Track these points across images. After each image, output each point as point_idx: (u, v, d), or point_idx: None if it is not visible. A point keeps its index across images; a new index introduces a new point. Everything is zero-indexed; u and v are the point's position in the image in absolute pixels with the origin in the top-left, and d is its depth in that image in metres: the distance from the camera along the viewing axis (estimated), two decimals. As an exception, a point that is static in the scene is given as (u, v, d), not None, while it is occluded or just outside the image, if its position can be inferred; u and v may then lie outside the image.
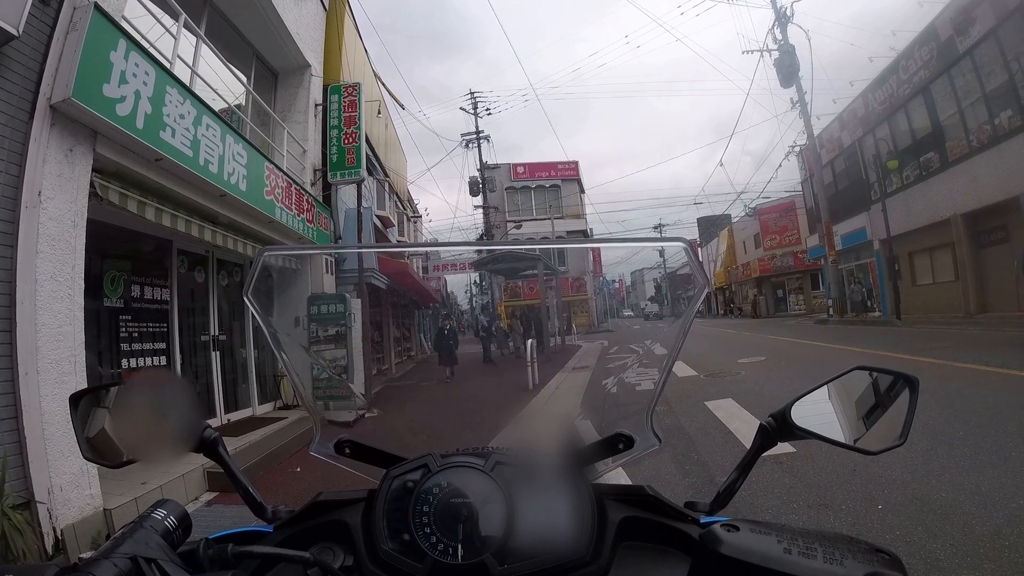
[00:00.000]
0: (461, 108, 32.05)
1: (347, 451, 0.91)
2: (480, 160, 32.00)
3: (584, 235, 34.07)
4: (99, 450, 0.86)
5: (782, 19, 22.85)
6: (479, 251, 19.16)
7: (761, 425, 0.88)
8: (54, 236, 4.04)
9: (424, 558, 0.73)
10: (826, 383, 0.90)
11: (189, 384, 0.86)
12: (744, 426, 5.54)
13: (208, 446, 0.87)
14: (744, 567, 0.58)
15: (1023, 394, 5.83)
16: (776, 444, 0.87)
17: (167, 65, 5.32)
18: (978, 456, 4.00)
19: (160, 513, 0.66)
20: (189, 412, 0.85)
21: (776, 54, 23.20)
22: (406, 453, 0.87)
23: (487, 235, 30.25)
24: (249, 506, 0.88)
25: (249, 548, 0.70)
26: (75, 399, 0.87)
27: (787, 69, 22.88)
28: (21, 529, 3.33)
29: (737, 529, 0.62)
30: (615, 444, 0.87)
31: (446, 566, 0.73)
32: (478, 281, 33.67)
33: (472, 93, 31.84)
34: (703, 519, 0.79)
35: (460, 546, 0.74)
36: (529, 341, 10.26)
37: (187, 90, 5.43)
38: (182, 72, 5.90)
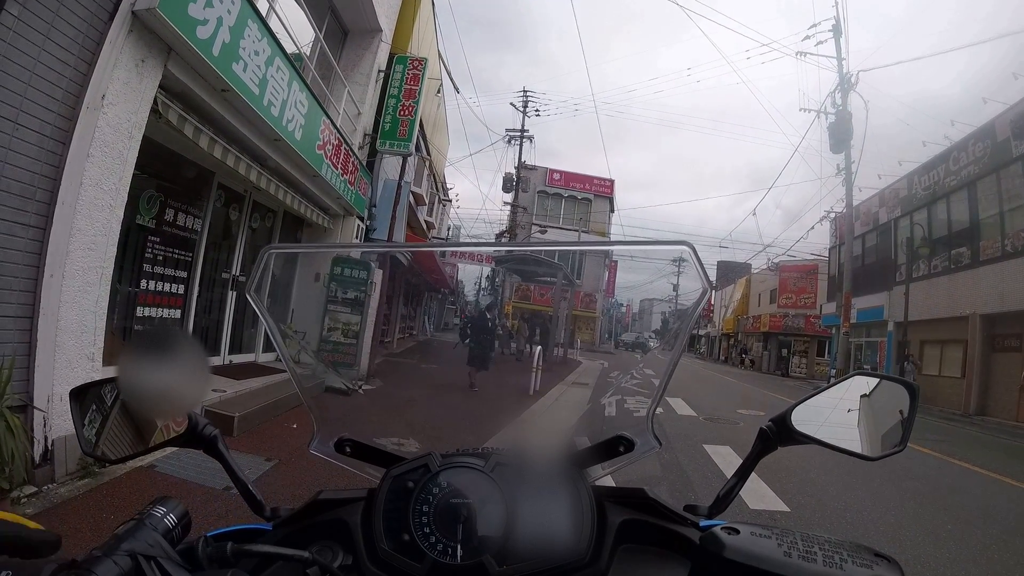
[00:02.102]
0: (511, 103, 32.02)
1: (347, 450, 0.91)
2: (519, 158, 31.96)
3: (604, 255, 34.06)
4: (99, 445, 0.86)
5: (845, 84, 22.67)
6: (496, 249, 19.15)
7: (761, 429, 0.88)
8: (108, 143, 3.96)
9: (423, 558, 0.73)
10: (827, 388, 0.90)
11: (192, 362, 0.80)
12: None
13: (208, 442, 0.87)
14: (745, 570, 0.59)
15: (1012, 501, 5.93)
16: (776, 448, 0.87)
17: (252, -2, 5.24)
18: (963, 552, 4.05)
19: (160, 510, 0.66)
20: (189, 408, 0.84)
21: (832, 118, 23.03)
22: (400, 437, 0.84)
23: (511, 234, 30.24)
24: (249, 504, 0.88)
25: (248, 546, 0.68)
26: (76, 394, 0.87)
27: (840, 135, 22.63)
28: (15, 431, 3.24)
29: (737, 532, 0.63)
30: (615, 446, 0.86)
31: (445, 566, 0.73)
32: (490, 276, 33.72)
33: (525, 91, 31.79)
34: (702, 523, 0.79)
35: (459, 546, 0.74)
36: (537, 348, 10.20)
37: (266, 28, 5.35)
38: (261, 8, 5.79)
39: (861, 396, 0.88)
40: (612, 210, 38.64)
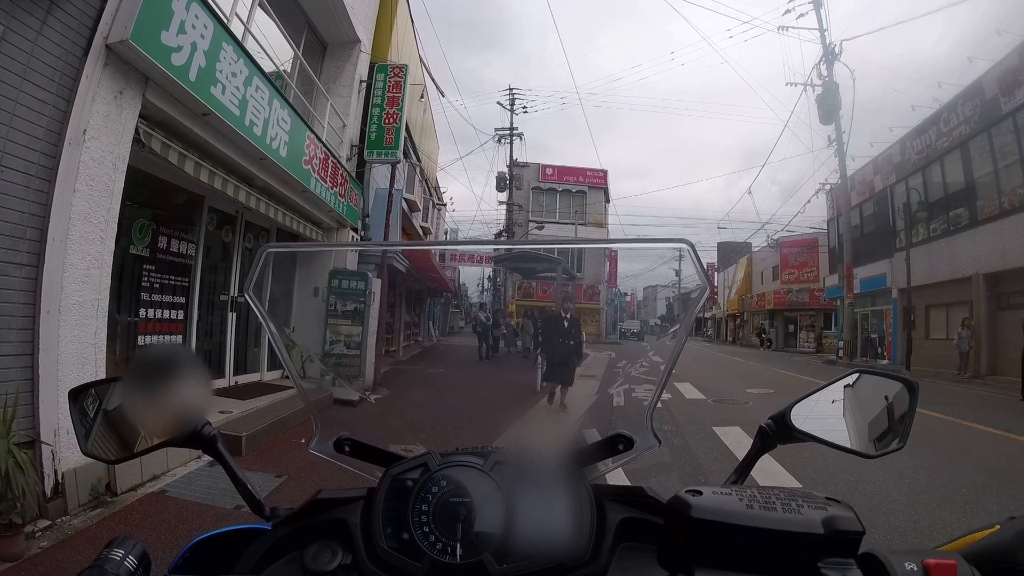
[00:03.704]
0: (498, 103, 32.03)
1: (347, 449, 0.91)
2: (511, 157, 31.92)
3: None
4: (98, 445, 0.87)
5: (830, 56, 22.62)
6: (495, 248, 19.07)
7: (761, 427, 0.89)
8: (93, 177, 3.99)
9: (423, 557, 0.73)
10: (826, 386, 0.90)
11: (194, 372, 0.85)
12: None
13: (208, 442, 0.87)
14: (711, 526, 0.60)
15: (1026, 460, 5.95)
16: (776, 446, 0.88)
17: (225, 21, 5.26)
18: (979, 516, 3.98)
19: (118, 553, 0.65)
20: (189, 408, 0.85)
21: (819, 90, 23.00)
22: (407, 444, 0.87)
23: (508, 232, 30.21)
24: (248, 504, 0.88)
25: None
26: (74, 394, 0.88)
27: (828, 106, 22.60)
28: (24, 468, 3.28)
29: (700, 493, 0.64)
30: (615, 445, 0.87)
31: (444, 565, 0.73)
32: (491, 276, 33.78)
33: (511, 89, 31.78)
34: None
35: (459, 545, 0.74)
36: (541, 344, 10.15)
37: (242, 49, 5.38)
38: (236, 29, 5.85)
39: (861, 393, 0.89)
40: (607, 200, 38.61)
